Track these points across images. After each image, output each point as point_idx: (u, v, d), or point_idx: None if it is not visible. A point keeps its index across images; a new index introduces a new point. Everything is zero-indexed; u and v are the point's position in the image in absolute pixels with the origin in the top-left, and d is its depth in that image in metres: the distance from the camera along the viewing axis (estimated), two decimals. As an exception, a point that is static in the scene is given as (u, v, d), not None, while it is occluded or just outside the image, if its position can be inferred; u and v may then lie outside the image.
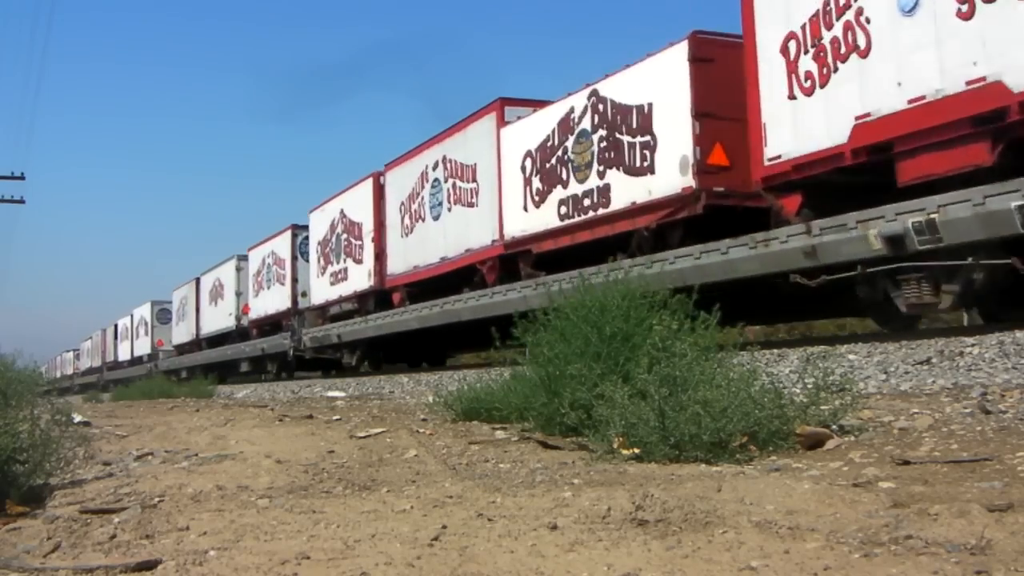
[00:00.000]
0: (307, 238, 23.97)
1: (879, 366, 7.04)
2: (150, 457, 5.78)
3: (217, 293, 31.17)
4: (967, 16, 7.47)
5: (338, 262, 21.12)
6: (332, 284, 21.56)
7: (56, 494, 4.32)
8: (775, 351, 8.61)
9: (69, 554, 3.07)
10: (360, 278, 19.81)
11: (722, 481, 3.58)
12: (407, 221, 17.65)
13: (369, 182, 19.48)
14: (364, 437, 6.22)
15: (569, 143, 12.61)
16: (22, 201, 34.83)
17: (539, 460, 4.77)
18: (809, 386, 4.90)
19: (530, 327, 6.41)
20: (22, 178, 34.17)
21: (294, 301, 24.21)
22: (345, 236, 20.67)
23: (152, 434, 7.47)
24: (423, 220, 17.01)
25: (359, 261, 19.87)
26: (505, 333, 6.94)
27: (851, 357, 7.46)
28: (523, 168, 13.71)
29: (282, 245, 25.43)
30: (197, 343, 33.49)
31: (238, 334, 28.93)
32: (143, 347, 40.94)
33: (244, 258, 29.00)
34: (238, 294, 28.76)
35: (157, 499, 4.02)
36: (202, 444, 6.34)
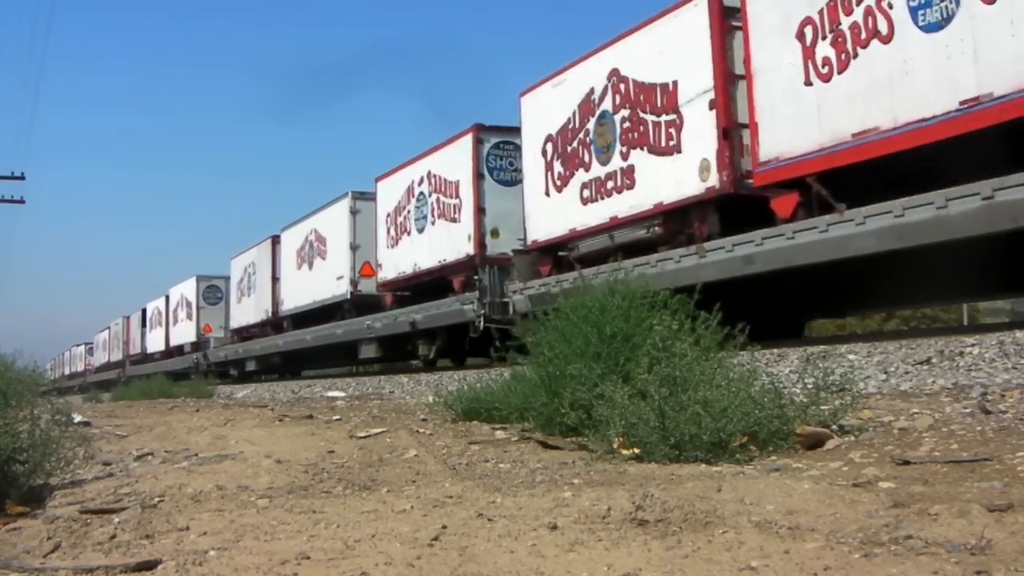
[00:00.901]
0: (501, 145, 15.98)
1: (879, 366, 7.04)
2: (150, 457, 5.78)
3: (312, 252, 22.56)
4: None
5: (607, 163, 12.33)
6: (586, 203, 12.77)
7: (56, 494, 4.32)
8: (775, 351, 8.61)
9: (69, 554, 3.07)
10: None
11: (722, 481, 3.58)
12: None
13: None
14: (364, 437, 6.22)
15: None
16: (22, 201, 34.89)
17: (539, 460, 4.77)
18: (809, 386, 4.90)
19: (530, 327, 6.41)
20: (22, 178, 34.23)
21: (479, 244, 15.75)
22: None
23: (152, 434, 7.47)
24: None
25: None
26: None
27: (851, 357, 7.46)
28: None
29: (455, 158, 16.45)
30: (274, 323, 25.24)
31: (353, 305, 20.52)
32: (184, 334, 33.69)
33: (365, 196, 20.43)
34: (354, 248, 20.41)
35: (157, 499, 4.02)
36: (202, 444, 6.34)
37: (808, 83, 9.29)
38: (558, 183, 13.49)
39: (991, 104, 7.61)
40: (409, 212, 18.26)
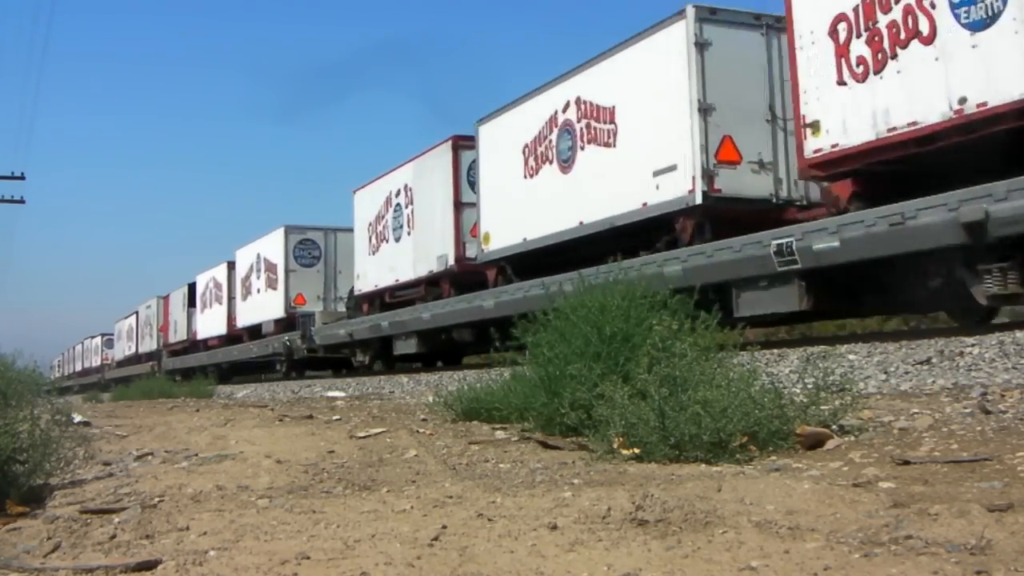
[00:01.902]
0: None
1: (879, 366, 7.04)
2: (150, 457, 5.78)
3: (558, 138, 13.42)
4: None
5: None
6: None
7: (56, 494, 4.32)
8: (775, 351, 8.62)
9: (69, 554, 3.07)
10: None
11: (722, 481, 3.58)
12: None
13: None
14: (364, 437, 6.22)
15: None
16: (22, 201, 34.79)
17: (539, 460, 4.77)
18: (809, 386, 4.90)
19: (530, 327, 6.42)
20: (22, 178, 34.15)
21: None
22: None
23: (152, 434, 7.47)
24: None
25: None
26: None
27: (851, 357, 7.46)
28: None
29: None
30: (455, 276, 16.53)
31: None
32: (263, 308, 24.81)
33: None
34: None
35: (157, 499, 4.02)
36: (202, 444, 6.34)
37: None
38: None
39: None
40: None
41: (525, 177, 14.38)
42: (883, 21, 8.73)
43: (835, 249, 8.61)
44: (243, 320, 27.26)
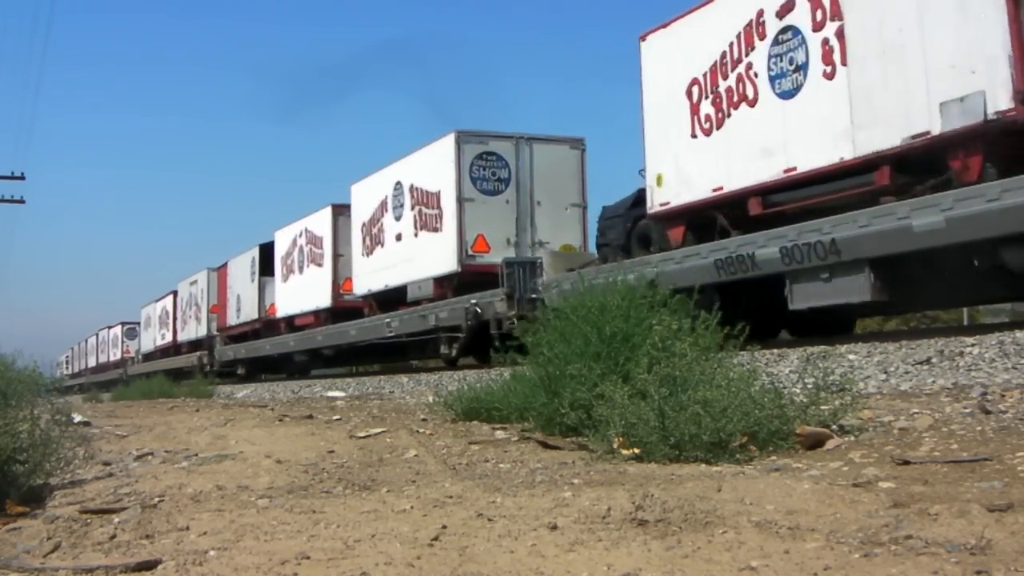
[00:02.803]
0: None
1: (879, 366, 7.04)
2: (150, 457, 5.78)
3: None
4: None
5: None
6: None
7: (56, 494, 4.32)
8: (775, 351, 8.61)
9: (69, 554, 3.07)
10: None
11: (722, 481, 3.58)
12: None
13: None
14: (364, 437, 6.22)
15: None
16: (22, 201, 34.76)
17: (539, 460, 4.77)
18: (809, 386, 4.90)
19: (530, 327, 6.42)
20: (22, 178, 34.14)
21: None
22: None
23: (152, 434, 7.47)
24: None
25: None
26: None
27: (851, 357, 7.46)
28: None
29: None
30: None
31: None
32: (410, 265, 17.09)
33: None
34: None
35: (157, 499, 4.02)
36: (202, 444, 6.34)
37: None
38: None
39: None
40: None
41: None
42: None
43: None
44: (367, 284, 18.71)
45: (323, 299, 21.24)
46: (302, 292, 22.45)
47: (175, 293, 34.31)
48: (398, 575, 2.59)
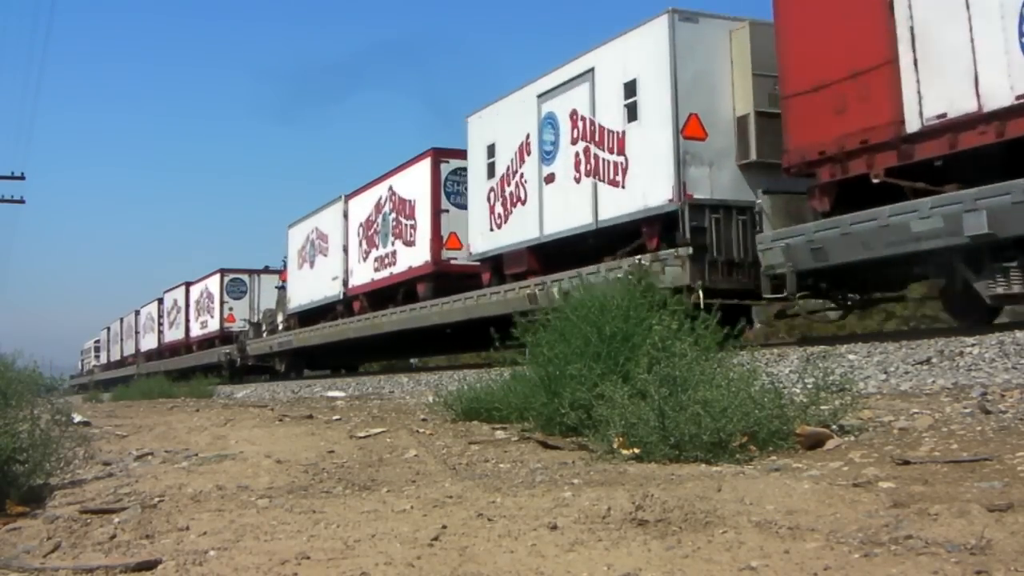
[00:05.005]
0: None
1: (879, 366, 7.04)
2: (150, 457, 5.78)
3: None
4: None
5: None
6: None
7: (56, 494, 4.32)
8: (775, 351, 8.61)
9: (69, 554, 3.07)
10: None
11: (722, 481, 3.58)
12: None
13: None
14: (364, 437, 6.22)
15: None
16: (22, 201, 34.65)
17: (539, 460, 4.77)
18: (809, 386, 4.90)
19: (530, 327, 6.42)
20: (22, 178, 33.99)
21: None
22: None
23: (152, 434, 7.47)
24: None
25: None
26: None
27: (851, 357, 7.46)
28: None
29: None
30: None
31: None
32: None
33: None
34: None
35: (157, 499, 4.02)
36: (202, 444, 6.34)
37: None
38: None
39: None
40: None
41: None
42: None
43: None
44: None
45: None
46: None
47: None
48: (398, 575, 2.59)
